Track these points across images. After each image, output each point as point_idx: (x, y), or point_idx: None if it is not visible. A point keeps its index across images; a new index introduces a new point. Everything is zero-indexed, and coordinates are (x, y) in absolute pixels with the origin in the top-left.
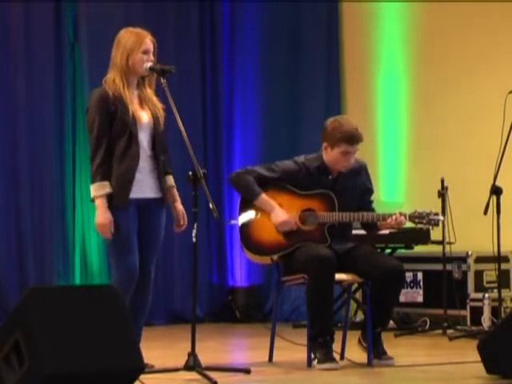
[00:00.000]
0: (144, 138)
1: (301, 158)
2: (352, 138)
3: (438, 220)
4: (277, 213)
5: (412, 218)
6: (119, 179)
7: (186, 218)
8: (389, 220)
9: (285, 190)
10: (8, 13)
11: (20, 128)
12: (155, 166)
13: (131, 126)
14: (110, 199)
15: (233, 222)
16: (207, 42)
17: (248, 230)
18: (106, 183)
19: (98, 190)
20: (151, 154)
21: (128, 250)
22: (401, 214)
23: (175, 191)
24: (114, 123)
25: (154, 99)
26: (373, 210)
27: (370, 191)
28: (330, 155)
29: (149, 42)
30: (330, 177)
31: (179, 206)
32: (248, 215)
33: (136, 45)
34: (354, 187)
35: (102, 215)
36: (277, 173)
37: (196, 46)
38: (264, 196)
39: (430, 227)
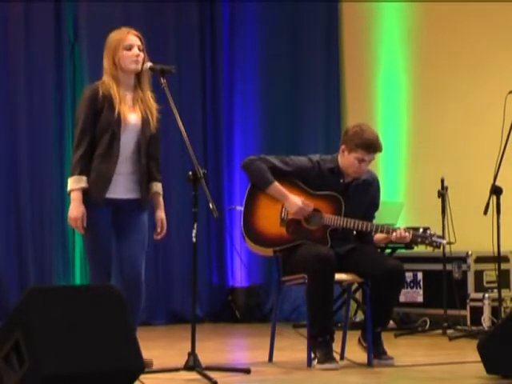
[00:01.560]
0: (128, 140)
1: (316, 157)
2: (370, 146)
3: (440, 243)
4: (291, 201)
5: (415, 236)
6: (98, 177)
7: (164, 227)
8: (393, 235)
9: (296, 187)
10: (8, 13)
11: (20, 128)
12: (136, 169)
13: (114, 126)
14: (86, 196)
15: (238, 207)
16: (207, 42)
17: (251, 219)
18: (83, 178)
19: (75, 184)
20: (134, 157)
21: (98, 249)
22: (405, 230)
23: (160, 199)
24: (99, 121)
25: (150, 100)
26: None
27: (376, 206)
28: (346, 159)
29: (131, 37)
30: (342, 181)
31: (160, 215)
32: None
33: (118, 43)
34: (364, 198)
35: (75, 209)
36: (290, 167)
37: (196, 46)
38: (277, 184)
39: (433, 249)
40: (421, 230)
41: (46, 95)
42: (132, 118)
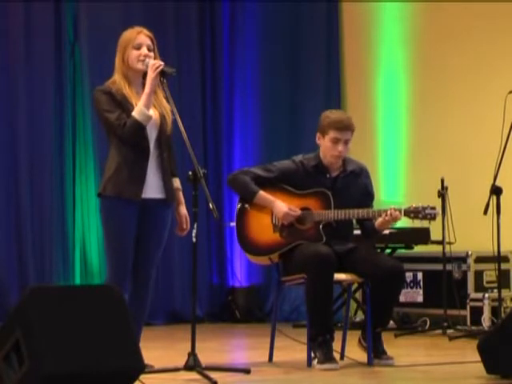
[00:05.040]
0: (151, 135)
1: (299, 157)
2: (340, 123)
3: (435, 214)
4: (278, 207)
5: (407, 212)
6: (132, 174)
7: (188, 223)
8: (383, 215)
9: (281, 190)
10: (8, 13)
11: (20, 128)
12: (160, 165)
13: None
14: (121, 193)
15: (232, 224)
16: (207, 42)
17: (245, 232)
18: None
19: (142, 112)
20: (156, 153)
21: (120, 250)
22: (395, 209)
23: (181, 194)
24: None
25: (163, 101)
26: None
27: (371, 195)
28: (323, 145)
29: (141, 36)
30: (328, 175)
31: (183, 210)
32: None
33: (129, 42)
34: (354, 189)
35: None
36: (274, 172)
37: (196, 46)
38: (262, 193)
39: (428, 222)
40: (412, 206)
41: (46, 95)
42: (151, 114)
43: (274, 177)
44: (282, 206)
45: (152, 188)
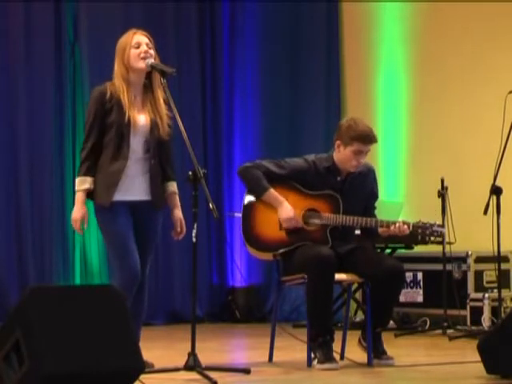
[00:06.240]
0: (138, 141)
1: (311, 157)
2: (366, 138)
3: (441, 232)
4: (284, 208)
5: (415, 227)
6: (106, 180)
7: (183, 226)
8: (392, 228)
9: (291, 188)
10: (8, 13)
11: (20, 128)
12: (147, 169)
13: (124, 128)
14: (93, 198)
15: (236, 214)
16: (207, 42)
17: (250, 224)
18: (88, 179)
19: (79, 185)
20: (144, 157)
21: (126, 251)
22: (404, 222)
23: (176, 198)
24: (108, 121)
25: (161, 105)
26: (374, 216)
27: (375, 196)
28: (342, 153)
29: (138, 35)
30: (339, 178)
31: (178, 214)
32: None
33: (127, 43)
34: (361, 190)
35: (76, 210)
36: (286, 170)
37: (196, 46)
38: (272, 191)
39: (433, 238)
40: (421, 221)
41: (46, 95)
42: (141, 120)
43: (285, 174)
44: (289, 209)
45: (139, 190)
